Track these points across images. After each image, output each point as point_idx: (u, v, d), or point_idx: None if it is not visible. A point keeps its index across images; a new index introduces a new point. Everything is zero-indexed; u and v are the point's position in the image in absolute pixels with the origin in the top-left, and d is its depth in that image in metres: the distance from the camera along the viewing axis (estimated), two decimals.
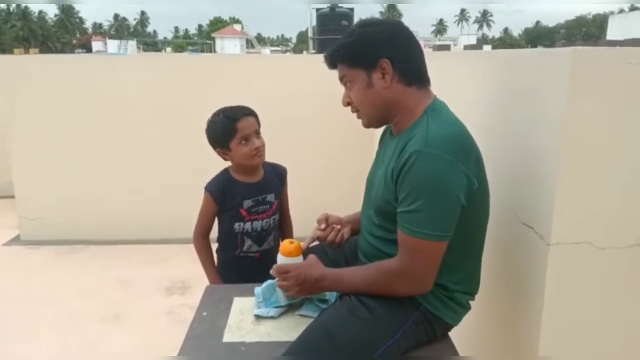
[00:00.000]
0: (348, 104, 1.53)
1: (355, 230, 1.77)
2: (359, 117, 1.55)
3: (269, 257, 2.05)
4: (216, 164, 2.10)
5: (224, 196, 2.03)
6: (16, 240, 4.10)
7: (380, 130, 1.68)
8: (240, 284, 1.83)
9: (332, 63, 1.51)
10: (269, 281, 1.67)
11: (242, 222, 2.03)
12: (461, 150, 1.33)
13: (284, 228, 2.25)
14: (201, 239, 2.09)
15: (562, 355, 1.47)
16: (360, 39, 1.43)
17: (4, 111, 3.93)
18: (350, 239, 1.76)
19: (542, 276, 1.43)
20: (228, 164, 2.09)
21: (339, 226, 1.75)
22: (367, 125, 1.55)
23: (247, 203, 2.03)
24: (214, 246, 2.14)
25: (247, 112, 1.98)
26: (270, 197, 2.08)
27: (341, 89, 1.54)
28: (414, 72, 1.45)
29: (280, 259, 1.60)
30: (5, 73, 3.94)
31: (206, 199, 2.05)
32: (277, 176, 2.16)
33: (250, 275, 1.87)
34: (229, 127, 1.94)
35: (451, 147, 1.31)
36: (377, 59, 1.41)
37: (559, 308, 1.45)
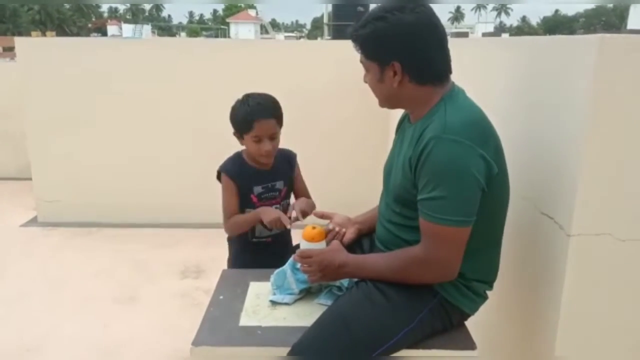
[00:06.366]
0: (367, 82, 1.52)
1: (364, 231, 1.78)
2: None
3: (281, 241, 2.08)
4: (232, 150, 2.09)
5: (238, 175, 2.02)
6: (33, 222, 4.17)
7: (397, 118, 1.66)
8: (257, 269, 1.84)
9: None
10: (280, 268, 1.68)
11: (252, 209, 2.03)
12: (479, 135, 1.32)
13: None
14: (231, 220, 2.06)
15: (581, 346, 1.46)
16: (373, 36, 1.39)
17: (21, 94, 3.96)
18: (355, 238, 1.76)
19: (561, 268, 1.42)
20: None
21: (343, 229, 1.75)
22: (381, 106, 1.55)
23: (258, 189, 2.03)
24: (225, 236, 2.13)
25: (268, 114, 1.92)
26: (280, 184, 2.08)
27: (358, 76, 1.52)
28: (429, 73, 1.40)
29: (304, 244, 1.59)
30: (22, 55, 3.96)
31: (225, 181, 2.03)
32: (286, 162, 2.15)
33: (265, 260, 1.88)
34: (246, 122, 1.91)
35: (469, 132, 1.30)
36: (388, 60, 1.39)
37: (577, 300, 1.43)
